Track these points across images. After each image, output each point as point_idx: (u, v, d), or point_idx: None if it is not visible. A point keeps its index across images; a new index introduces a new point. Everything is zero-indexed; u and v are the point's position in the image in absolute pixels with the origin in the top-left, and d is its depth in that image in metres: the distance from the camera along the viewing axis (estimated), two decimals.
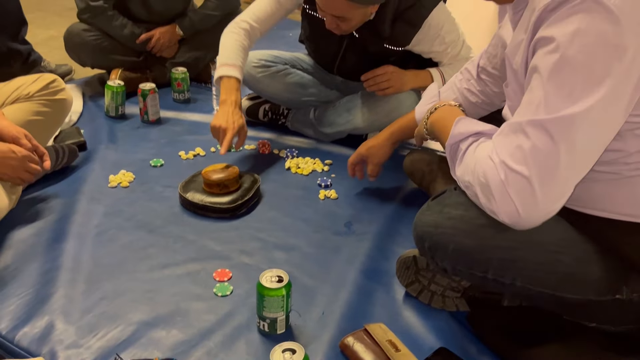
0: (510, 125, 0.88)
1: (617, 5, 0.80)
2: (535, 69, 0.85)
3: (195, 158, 1.84)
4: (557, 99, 0.82)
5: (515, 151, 0.85)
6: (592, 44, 0.80)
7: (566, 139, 0.82)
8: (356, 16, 1.61)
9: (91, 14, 2.13)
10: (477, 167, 0.91)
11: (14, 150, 1.34)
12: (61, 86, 1.64)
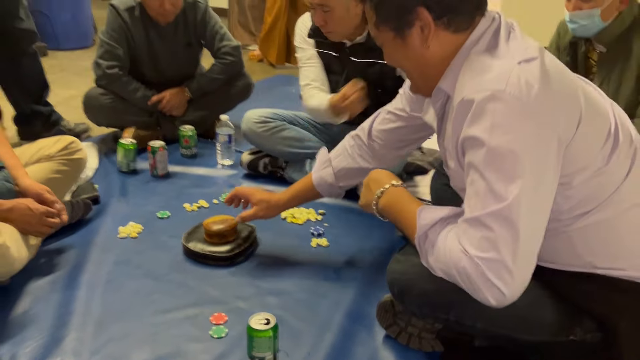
0: (469, 221, 0.99)
1: (517, 94, 0.95)
2: (471, 164, 1.00)
3: (199, 210, 2.00)
4: (498, 185, 0.96)
5: (482, 242, 0.97)
6: (508, 131, 0.95)
7: (519, 217, 0.95)
8: (337, 5, 1.81)
9: (108, 81, 2.35)
10: (452, 260, 1.00)
11: (31, 207, 1.50)
12: (78, 147, 1.83)
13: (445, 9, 1.05)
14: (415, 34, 1.07)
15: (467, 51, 1.07)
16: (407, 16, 1.06)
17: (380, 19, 1.10)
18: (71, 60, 3.93)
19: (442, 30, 1.06)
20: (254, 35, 4.38)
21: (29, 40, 2.37)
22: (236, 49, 2.53)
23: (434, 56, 1.09)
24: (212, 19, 2.47)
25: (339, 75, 2.04)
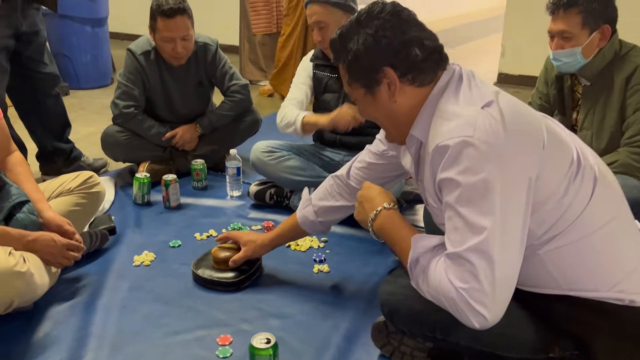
0: (451, 256, 1.10)
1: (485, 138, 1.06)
2: (448, 204, 1.11)
3: (208, 239, 2.12)
4: (474, 222, 1.06)
5: (464, 275, 1.07)
6: (480, 172, 1.06)
7: (494, 249, 1.06)
8: (331, 21, 2.10)
9: (124, 119, 2.51)
10: (442, 289, 1.10)
11: (55, 239, 1.63)
12: (96, 181, 1.97)
13: (410, 68, 1.18)
14: (383, 90, 1.20)
15: (434, 101, 1.19)
16: (375, 75, 1.19)
17: (352, 78, 1.23)
18: (91, 99, 4.14)
19: (407, 85, 1.20)
20: (264, 72, 4.55)
21: (52, 83, 2.55)
22: (245, 87, 2.68)
23: (402, 108, 1.21)
24: (221, 59, 2.64)
25: (337, 94, 2.27)
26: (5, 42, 2.23)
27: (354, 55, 1.20)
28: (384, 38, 1.17)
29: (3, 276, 1.43)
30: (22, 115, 2.57)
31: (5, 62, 2.28)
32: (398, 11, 1.20)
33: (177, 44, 2.40)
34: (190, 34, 2.43)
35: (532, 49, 4.03)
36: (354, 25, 1.21)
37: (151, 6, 2.38)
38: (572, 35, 1.86)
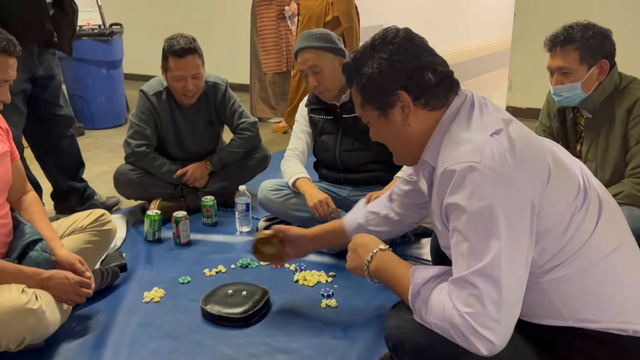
0: (456, 281, 1.11)
1: (491, 165, 1.09)
2: (454, 229, 1.13)
3: (217, 275, 2.14)
4: (479, 246, 1.08)
5: (469, 299, 1.08)
6: (486, 197, 1.08)
7: (500, 273, 1.07)
8: (325, 65, 2.19)
9: (136, 158, 2.58)
10: (446, 316, 1.10)
11: (68, 277, 1.67)
12: (108, 219, 2.01)
13: (423, 92, 1.22)
14: (397, 113, 1.24)
15: (445, 126, 1.22)
16: (389, 98, 1.22)
17: (365, 100, 1.27)
18: (105, 138, 4.24)
19: (420, 109, 1.23)
20: (274, 109, 4.65)
21: (67, 125, 2.63)
22: (253, 124, 2.75)
23: (414, 131, 1.25)
24: (231, 98, 2.71)
25: (335, 135, 2.33)
26: (23, 86, 2.33)
27: (368, 79, 1.23)
28: (399, 62, 1.20)
29: (15, 313, 1.47)
30: (37, 155, 2.65)
31: (22, 105, 2.36)
32: (411, 37, 1.24)
33: (188, 82, 2.48)
34: (200, 72, 2.51)
35: (539, 82, 4.07)
36: (368, 49, 1.25)
37: (163, 47, 2.48)
38: (571, 70, 1.90)
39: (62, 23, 2.40)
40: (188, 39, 2.45)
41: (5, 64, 1.56)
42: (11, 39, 1.57)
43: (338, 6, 3.88)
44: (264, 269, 2.17)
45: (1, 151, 1.69)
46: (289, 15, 4.43)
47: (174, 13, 6.30)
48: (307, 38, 2.23)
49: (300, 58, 2.23)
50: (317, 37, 2.21)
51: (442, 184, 1.15)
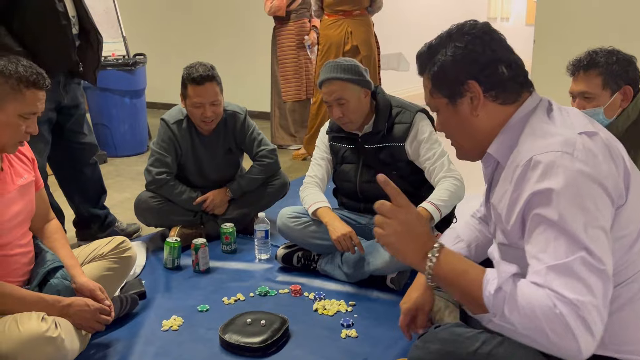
0: (555, 268, 0.99)
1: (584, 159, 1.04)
2: (540, 216, 1.04)
3: (236, 303, 2.12)
4: (577, 232, 1.00)
5: (577, 286, 0.96)
6: (579, 189, 1.02)
7: (606, 265, 0.99)
8: (351, 97, 2.15)
9: (157, 185, 2.60)
10: (542, 309, 0.97)
11: (89, 304, 1.67)
12: (128, 246, 2.02)
13: (494, 84, 1.17)
14: (465, 103, 1.20)
15: (520, 121, 1.17)
16: (459, 87, 1.19)
17: (435, 88, 1.23)
18: (127, 166, 4.30)
19: (490, 101, 1.18)
20: (294, 137, 4.67)
21: (90, 153, 2.67)
22: (272, 151, 2.76)
23: (482, 123, 1.20)
24: (250, 126, 2.73)
25: (355, 164, 2.30)
26: (48, 115, 2.38)
27: (440, 66, 1.20)
28: (473, 52, 1.18)
29: (35, 341, 1.46)
30: (61, 183, 2.69)
31: (47, 134, 2.41)
32: (490, 30, 1.21)
33: (206, 109, 2.51)
34: (219, 99, 2.54)
35: None
36: (444, 38, 1.22)
37: (182, 75, 2.52)
38: (593, 96, 1.87)
39: (88, 54, 2.46)
40: (206, 66, 2.49)
41: (35, 97, 1.59)
42: (41, 72, 1.60)
43: (357, 35, 3.91)
44: (283, 298, 2.15)
45: (26, 181, 1.72)
46: (308, 44, 4.49)
47: (196, 43, 6.43)
48: (333, 69, 2.17)
49: (325, 88, 2.18)
50: (344, 68, 2.16)
51: (525, 173, 1.07)
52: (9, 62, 1.55)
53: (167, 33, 6.64)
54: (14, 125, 1.58)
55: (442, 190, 2.11)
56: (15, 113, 1.56)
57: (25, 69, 1.56)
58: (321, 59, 4.04)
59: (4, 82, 1.53)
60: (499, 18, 10.35)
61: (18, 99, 1.56)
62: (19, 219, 1.66)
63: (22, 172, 1.72)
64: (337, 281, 2.25)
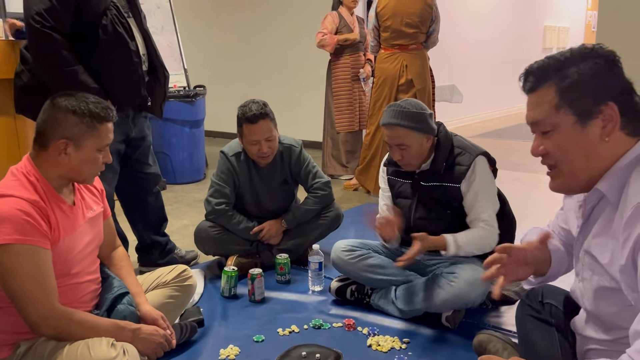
0: None
1: None
2: None
3: (290, 334, 2.15)
4: None
5: None
6: None
7: None
8: (413, 143, 2.14)
9: (216, 215, 2.69)
10: None
11: (158, 330, 1.74)
12: (189, 274, 2.09)
13: (628, 111, 1.11)
14: (596, 126, 1.11)
15: (634, 158, 1.11)
16: (595, 107, 1.11)
17: (564, 101, 1.13)
18: (185, 193, 4.44)
19: (619, 129, 1.12)
20: (345, 167, 4.72)
21: (154, 182, 2.79)
22: (327, 183, 2.80)
23: (607, 152, 1.12)
24: (305, 159, 2.79)
25: (411, 199, 2.31)
26: (117, 147, 2.52)
27: (577, 79, 1.11)
28: (614, 74, 1.11)
29: None
30: (126, 210, 2.82)
31: (116, 164, 2.54)
32: (618, 58, 1.15)
33: (262, 145, 2.59)
34: (273, 134, 2.61)
35: None
36: (574, 54, 1.14)
37: (237, 114, 2.61)
38: None
39: (156, 89, 2.60)
40: (259, 104, 2.58)
41: (107, 130, 1.70)
42: (107, 106, 1.70)
43: (413, 69, 3.95)
44: (336, 331, 2.16)
45: (96, 213, 1.80)
46: (363, 77, 4.56)
47: (252, 74, 6.63)
48: (399, 115, 2.13)
49: (388, 132, 2.17)
50: (409, 115, 2.13)
51: (637, 216, 1.03)
52: (80, 102, 1.63)
53: (226, 64, 6.88)
54: (94, 160, 1.68)
55: (472, 232, 2.15)
56: (94, 148, 1.67)
57: (95, 106, 1.65)
58: (376, 91, 4.09)
59: (79, 121, 1.62)
60: (554, 48, 10.19)
61: (94, 135, 1.66)
62: (89, 249, 1.75)
63: (92, 204, 1.81)
64: (391, 317, 2.24)
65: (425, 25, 3.93)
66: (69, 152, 1.62)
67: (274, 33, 6.43)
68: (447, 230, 2.20)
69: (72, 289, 1.67)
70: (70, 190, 1.72)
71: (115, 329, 1.65)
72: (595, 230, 1.16)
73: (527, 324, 1.63)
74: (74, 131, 1.62)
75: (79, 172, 1.67)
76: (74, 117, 1.61)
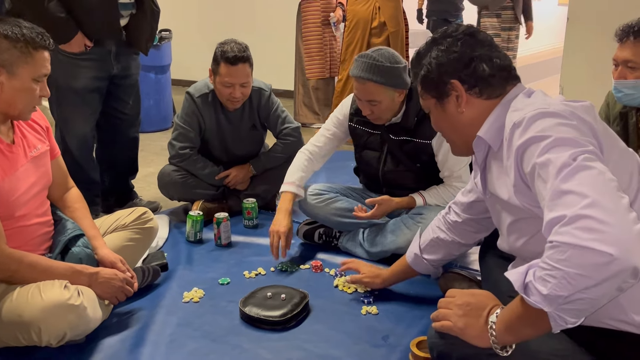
0: (549, 205, 0.97)
1: (560, 111, 1.07)
2: (535, 165, 1.03)
3: (257, 277, 2.12)
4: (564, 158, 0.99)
5: (567, 201, 0.94)
6: (559, 127, 1.05)
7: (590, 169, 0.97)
8: (384, 99, 2.04)
9: (179, 159, 2.60)
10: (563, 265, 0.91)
11: (117, 274, 1.68)
12: (150, 217, 2.02)
13: (477, 81, 1.24)
14: (452, 102, 1.28)
15: (505, 105, 1.23)
16: (444, 87, 1.27)
17: (423, 90, 1.33)
18: (152, 141, 4.31)
19: (475, 98, 1.26)
20: (317, 115, 4.64)
21: (130, 123, 2.69)
22: (296, 129, 2.73)
23: (468, 119, 1.27)
24: (274, 104, 2.70)
25: (379, 152, 2.22)
26: (97, 84, 2.42)
27: (426, 69, 1.29)
28: (454, 53, 1.26)
29: (57, 309, 1.47)
30: (97, 147, 2.71)
31: (96, 103, 2.48)
32: (472, 32, 1.29)
33: (235, 89, 2.48)
34: (249, 81, 2.51)
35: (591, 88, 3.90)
36: (429, 43, 1.32)
37: (215, 51, 2.48)
38: (638, 65, 1.79)
39: (141, 23, 2.47)
40: (241, 46, 2.45)
41: (43, 58, 1.56)
42: (43, 32, 1.57)
43: (385, 11, 3.84)
44: (303, 273, 2.14)
45: (40, 151, 1.70)
46: (334, 21, 4.42)
47: (220, 19, 6.40)
48: (370, 68, 1.99)
49: (358, 85, 2.04)
50: (383, 70, 1.98)
51: (511, 136, 1.12)
52: (13, 26, 1.51)
53: (192, 9, 6.62)
54: (29, 90, 1.55)
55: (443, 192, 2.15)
56: (29, 77, 1.54)
57: (30, 31, 1.53)
58: (348, 35, 3.97)
59: (11, 46, 1.49)
60: None
61: (29, 62, 1.53)
62: (34, 190, 1.65)
63: (35, 142, 1.69)
64: (359, 258, 2.22)
65: None
66: (1, 80, 1.50)
67: None
68: (416, 182, 2.16)
69: (19, 232, 1.58)
70: (9, 128, 1.61)
71: (70, 273, 1.59)
72: (494, 175, 1.26)
73: (489, 261, 1.68)
74: (5, 57, 1.49)
75: (13, 105, 1.55)
76: (6, 42, 1.49)
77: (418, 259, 1.76)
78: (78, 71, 2.39)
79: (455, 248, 1.71)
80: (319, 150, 2.31)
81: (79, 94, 2.43)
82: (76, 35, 2.30)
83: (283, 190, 2.23)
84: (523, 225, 1.23)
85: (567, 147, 1.01)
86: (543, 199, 1.02)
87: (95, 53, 2.40)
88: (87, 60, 2.40)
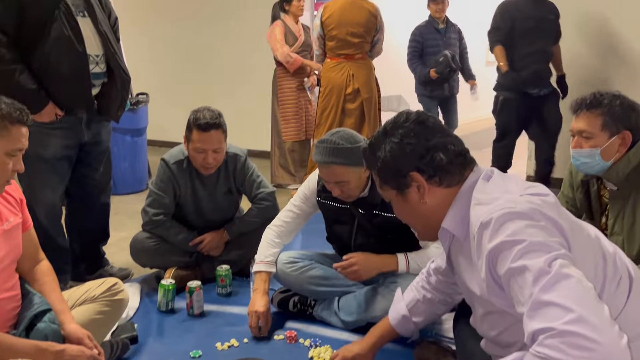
0: (529, 314, 0.98)
1: (527, 211, 1.08)
2: (507, 270, 1.05)
3: (229, 349, 2.06)
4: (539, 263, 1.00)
5: (550, 315, 0.95)
6: (528, 230, 1.06)
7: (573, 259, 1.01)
8: (352, 178, 2.01)
9: (153, 226, 2.58)
10: None
11: (84, 351, 1.61)
12: (120, 288, 1.97)
13: (436, 171, 1.25)
14: (413, 192, 1.28)
15: (465, 195, 1.23)
16: (404, 179, 1.27)
17: (382, 182, 1.32)
18: (125, 204, 4.27)
19: (435, 187, 1.26)
20: (293, 176, 4.67)
21: (100, 188, 2.66)
22: (271, 194, 2.74)
23: (432, 208, 1.27)
24: (250, 169, 2.72)
25: (349, 225, 2.21)
26: (67, 152, 2.41)
27: (382, 162, 1.28)
28: (409, 145, 1.25)
29: None
30: (66, 212, 2.67)
31: (64, 171, 2.45)
32: (422, 120, 1.29)
33: (208, 155, 2.49)
34: (222, 147, 2.53)
35: (560, 152, 4.04)
36: (381, 135, 1.31)
37: (189, 118, 2.50)
38: (591, 135, 1.87)
39: (112, 92, 2.49)
40: (214, 113, 2.49)
41: (20, 133, 1.57)
42: (23, 108, 1.58)
43: (359, 78, 3.96)
44: (277, 345, 2.10)
45: (12, 224, 1.67)
46: (308, 86, 4.54)
47: (197, 82, 6.51)
48: (333, 152, 1.97)
49: (324, 169, 2.02)
50: (345, 151, 1.97)
51: (480, 237, 1.12)
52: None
53: (169, 72, 6.73)
54: (1, 164, 1.55)
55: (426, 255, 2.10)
56: (2, 151, 1.53)
57: (8, 106, 1.54)
58: (322, 100, 4.07)
59: None
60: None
61: (4, 136, 1.53)
62: (3, 264, 1.61)
63: (7, 214, 1.67)
64: (334, 327, 2.19)
65: (370, 34, 3.96)
66: None
67: (217, 41, 6.33)
68: (390, 252, 2.13)
69: None
70: None
71: (35, 351, 1.53)
72: (461, 266, 1.27)
73: (462, 331, 1.67)
74: None
75: None
76: None
77: (406, 320, 1.69)
78: (48, 140, 2.37)
79: (442, 308, 1.68)
80: (286, 226, 2.30)
81: (48, 162, 2.40)
82: (47, 105, 2.29)
83: (257, 270, 2.23)
84: (496, 318, 1.23)
85: (540, 253, 1.03)
86: (520, 304, 1.04)
87: (66, 121, 2.39)
88: (58, 129, 2.38)
